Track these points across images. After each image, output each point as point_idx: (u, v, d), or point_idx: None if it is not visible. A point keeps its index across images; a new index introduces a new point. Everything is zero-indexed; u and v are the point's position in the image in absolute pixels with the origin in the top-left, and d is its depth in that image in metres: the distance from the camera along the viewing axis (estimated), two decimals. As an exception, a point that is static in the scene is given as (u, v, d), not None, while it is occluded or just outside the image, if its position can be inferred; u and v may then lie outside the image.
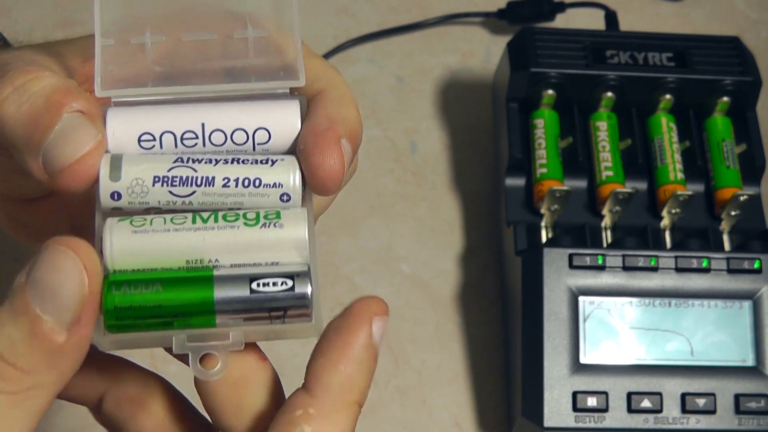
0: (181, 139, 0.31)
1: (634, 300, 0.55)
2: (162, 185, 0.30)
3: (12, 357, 0.27)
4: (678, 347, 0.55)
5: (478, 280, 0.63)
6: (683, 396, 0.53)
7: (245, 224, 0.30)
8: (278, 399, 0.32)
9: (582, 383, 0.53)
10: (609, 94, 0.61)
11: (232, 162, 0.31)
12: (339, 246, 0.64)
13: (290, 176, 0.31)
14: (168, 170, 0.30)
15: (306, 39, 0.34)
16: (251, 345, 0.32)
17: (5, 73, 0.31)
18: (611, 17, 0.68)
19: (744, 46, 0.62)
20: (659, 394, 0.53)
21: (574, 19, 0.72)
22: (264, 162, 0.31)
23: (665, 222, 0.60)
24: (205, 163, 0.31)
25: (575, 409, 0.53)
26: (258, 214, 0.30)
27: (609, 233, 0.60)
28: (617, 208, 0.58)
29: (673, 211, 0.59)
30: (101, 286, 0.29)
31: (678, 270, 0.55)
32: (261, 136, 0.31)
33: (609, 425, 0.53)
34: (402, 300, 0.63)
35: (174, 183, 0.30)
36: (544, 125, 0.61)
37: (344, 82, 0.34)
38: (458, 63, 0.72)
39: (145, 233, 0.30)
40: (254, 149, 0.32)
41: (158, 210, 0.31)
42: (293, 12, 0.32)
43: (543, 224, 0.59)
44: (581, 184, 0.61)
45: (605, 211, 0.59)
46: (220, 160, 0.31)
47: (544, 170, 0.59)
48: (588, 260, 0.55)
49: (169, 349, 0.30)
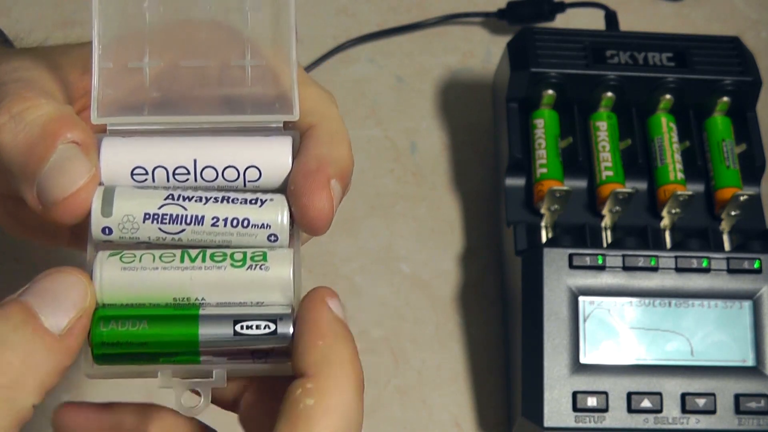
0: (173, 174, 0.32)
1: (634, 300, 0.55)
2: (152, 222, 0.31)
3: (0, 345, 0.27)
4: (678, 347, 0.55)
5: (478, 280, 0.63)
6: (683, 396, 0.53)
7: (232, 265, 0.31)
8: None
9: (582, 383, 0.53)
10: (609, 94, 0.61)
11: (222, 201, 0.31)
12: (339, 246, 0.64)
13: (278, 217, 0.31)
14: (158, 207, 0.31)
15: (306, 39, 0.34)
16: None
17: (2, 98, 0.32)
18: (611, 17, 0.68)
19: (744, 46, 0.62)
20: (659, 394, 0.53)
21: (574, 19, 0.72)
22: (253, 202, 0.31)
23: (665, 222, 0.60)
24: (195, 201, 0.31)
25: (575, 409, 0.53)
26: (245, 255, 0.31)
27: (609, 233, 0.60)
28: (617, 208, 0.58)
29: (673, 211, 0.59)
30: (93, 311, 0.30)
31: (678, 270, 0.55)
32: (252, 174, 0.32)
33: (609, 425, 0.53)
34: (402, 300, 0.63)
35: (164, 221, 0.31)
36: (544, 125, 0.61)
37: (337, 115, 0.34)
38: (458, 63, 0.72)
39: (134, 270, 0.31)
40: (245, 186, 0.32)
41: (148, 245, 0.31)
42: (291, 42, 0.32)
43: (543, 224, 0.59)
44: (581, 184, 0.61)
45: (605, 211, 0.59)
46: (210, 199, 0.31)
47: (544, 170, 0.59)
48: (588, 260, 0.55)
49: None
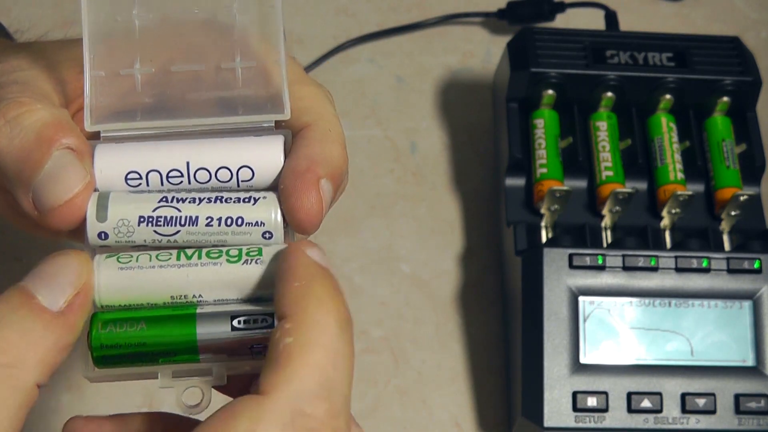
0: (167, 177, 0.32)
1: (634, 300, 0.55)
2: (147, 225, 0.31)
3: None
4: (678, 347, 0.55)
5: (478, 280, 0.63)
6: (683, 396, 0.53)
7: (228, 261, 0.31)
8: None
9: (582, 383, 0.53)
10: (609, 94, 0.61)
11: (216, 201, 0.32)
12: (339, 246, 0.64)
13: (272, 214, 0.32)
14: (153, 210, 0.31)
15: (306, 39, 0.34)
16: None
17: None
18: (611, 17, 0.68)
19: (744, 46, 0.62)
20: (659, 394, 0.53)
21: (574, 19, 0.72)
22: (246, 200, 0.32)
23: (665, 222, 0.60)
24: (189, 203, 0.31)
25: (575, 409, 0.53)
26: (240, 251, 0.31)
27: (609, 233, 0.60)
28: (617, 208, 0.58)
29: (673, 211, 0.59)
30: (91, 286, 0.30)
31: (678, 270, 0.55)
32: (244, 174, 0.32)
33: (609, 425, 0.53)
34: (402, 300, 0.63)
35: (159, 223, 0.31)
36: (544, 125, 0.61)
37: (332, 113, 0.34)
38: (458, 63, 0.72)
39: (131, 270, 0.31)
40: (238, 186, 0.32)
41: (144, 248, 0.32)
42: (279, 42, 0.32)
43: (543, 224, 0.59)
44: (581, 184, 0.61)
45: (605, 211, 0.59)
46: (204, 199, 0.32)
47: (544, 170, 0.59)
48: (588, 260, 0.55)
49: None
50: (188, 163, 0.32)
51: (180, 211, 0.31)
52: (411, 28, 0.72)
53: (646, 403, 0.53)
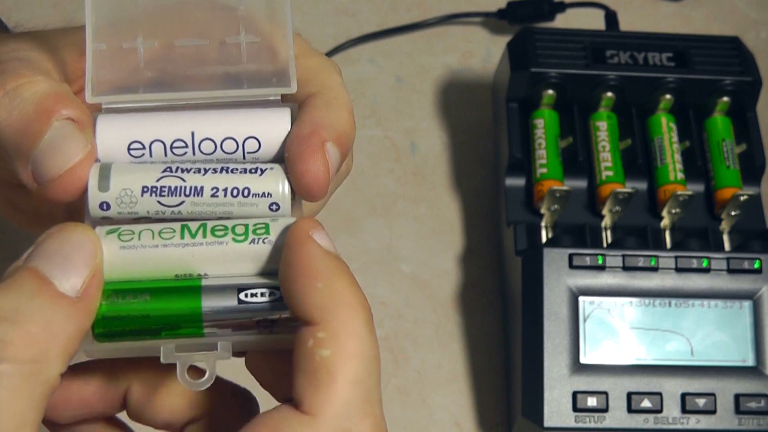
0: (171, 148, 0.31)
1: (634, 300, 0.55)
2: (151, 195, 0.30)
3: (19, 317, 0.26)
4: (678, 347, 0.55)
5: (478, 280, 0.63)
6: (683, 396, 0.53)
7: (234, 240, 0.30)
8: None
9: (582, 383, 0.53)
10: (609, 94, 0.61)
11: (221, 171, 0.31)
12: (339, 246, 0.63)
13: (279, 185, 0.31)
14: (156, 180, 0.30)
15: (306, 39, 0.34)
16: None
17: None
18: (611, 17, 0.68)
19: (744, 46, 0.62)
20: (659, 394, 0.53)
21: (574, 19, 0.72)
22: (253, 171, 0.31)
23: (665, 222, 0.60)
24: (194, 173, 0.31)
25: (575, 409, 0.53)
26: (246, 229, 0.30)
27: (609, 233, 0.60)
28: (617, 208, 0.58)
29: (673, 211, 0.59)
30: (102, 264, 0.29)
31: (678, 270, 0.55)
32: (251, 145, 0.31)
33: (609, 425, 0.53)
34: (402, 300, 0.63)
35: (162, 193, 0.30)
36: (544, 125, 0.61)
37: (339, 83, 0.33)
38: (458, 63, 0.72)
39: (134, 249, 0.30)
40: (244, 158, 0.32)
41: (147, 219, 0.31)
42: (286, 15, 0.32)
43: (543, 224, 0.59)
44: (581, 184, 0.61)
45: (605, 211, 0.59)
46: (209, 170, 0.31)
47: (544, 170, 0.59)
48: (588, 260, 0.55)
49: (158, 358, 0.30)
50: (193, 134, 0.31)
51: (185, 181, 0.30)
52: (411, 28, 0.72)
53: (646, 403, 0.53)
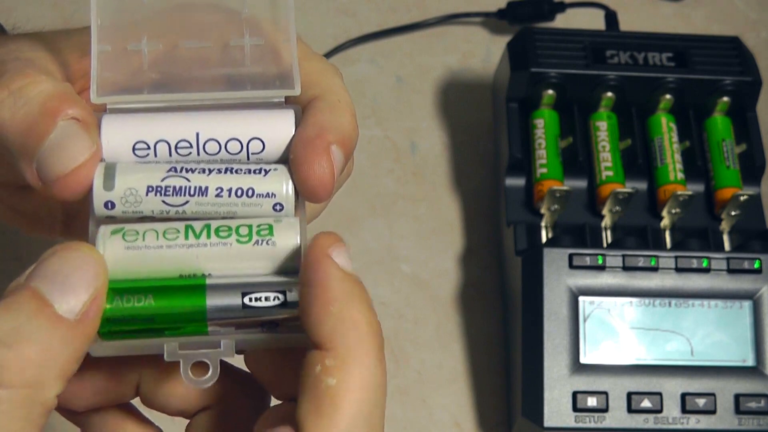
0: (176, 148, 0.31)
1: (634, 300, 0.55)
2: (155, 195, 0.31)
3: (15, 340, 0.26)
4: (678, 347, 0.55)
5: (478, 280, 0.63)
6: (683, 396, 0.53)
7: (238, 241, 0.30)
8: None
9: (582, 383, 0.53)
10: (609, 94, 0.61)
11: (226, 172, 0.31)
12: (339, 246, 0.64)
13: (283, 186, 0.31)
14: (161, 180, 0.31)
15: (306, 39, 0.34)
16: None
17: (1, 75, 0.31)
18: (611, 17, 0.68)
19: (744, 46, 0.62)
20: (659, 394, 0.53)
21: (574, 19, 0.72)
22: (257, 172, 0.31)
23: (665, 222, 0.60)
24: (199, 173, 0.31)
25: (575, 409, 0.53)
26: (251, 230, 0.30)
27: (609, 233, 0.60)
28: (617, 208, 0.58)
29: (673, 211, 0.59)
30: (107, 286, 0.29)
31: (678, 270, 0.55)
32: (255, 146, 0.32)
33: (609, 425, 0.53)
34: (402, 300, 0.63)
35: (167, 193, 0.31)
36: (544, 125, 0.61)
37: (341, 86, 0.33)
38: (458, 63, 0.72)
39: (138, 249, 0.30)
40: (248, 159, 0.32)
41: (152, 219, 0.31)
42: (289, 18, 0.32)
43: (543, 224, 0.59)
44: (581, 184, 0.61)
45: (605, 211, 0.59)
46: (214, 170, 0.31)
47: (544, 170, 0.59)
48: (588, 260, 0.55)
49: (162, 356, 0.30)
50: (198, 134, 0.31)
51: (189, 181, 0.31)
52: (411, 28, 0.72)
53: (646, 403, 0.53)
